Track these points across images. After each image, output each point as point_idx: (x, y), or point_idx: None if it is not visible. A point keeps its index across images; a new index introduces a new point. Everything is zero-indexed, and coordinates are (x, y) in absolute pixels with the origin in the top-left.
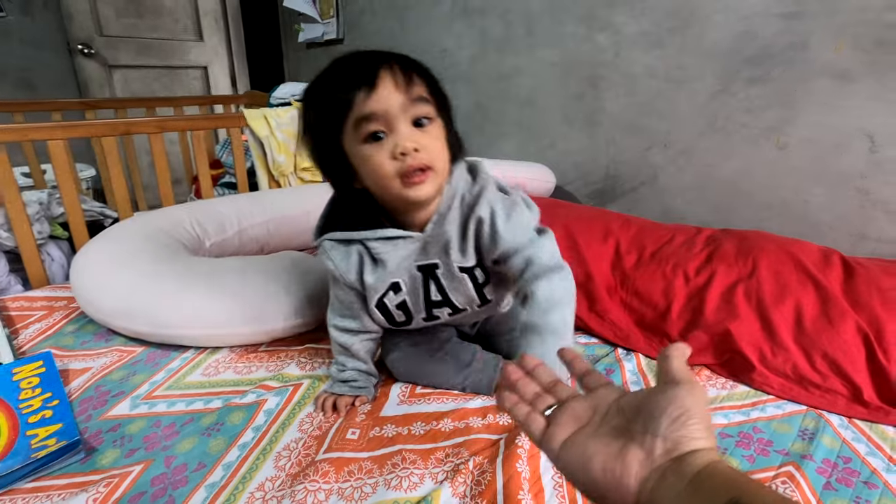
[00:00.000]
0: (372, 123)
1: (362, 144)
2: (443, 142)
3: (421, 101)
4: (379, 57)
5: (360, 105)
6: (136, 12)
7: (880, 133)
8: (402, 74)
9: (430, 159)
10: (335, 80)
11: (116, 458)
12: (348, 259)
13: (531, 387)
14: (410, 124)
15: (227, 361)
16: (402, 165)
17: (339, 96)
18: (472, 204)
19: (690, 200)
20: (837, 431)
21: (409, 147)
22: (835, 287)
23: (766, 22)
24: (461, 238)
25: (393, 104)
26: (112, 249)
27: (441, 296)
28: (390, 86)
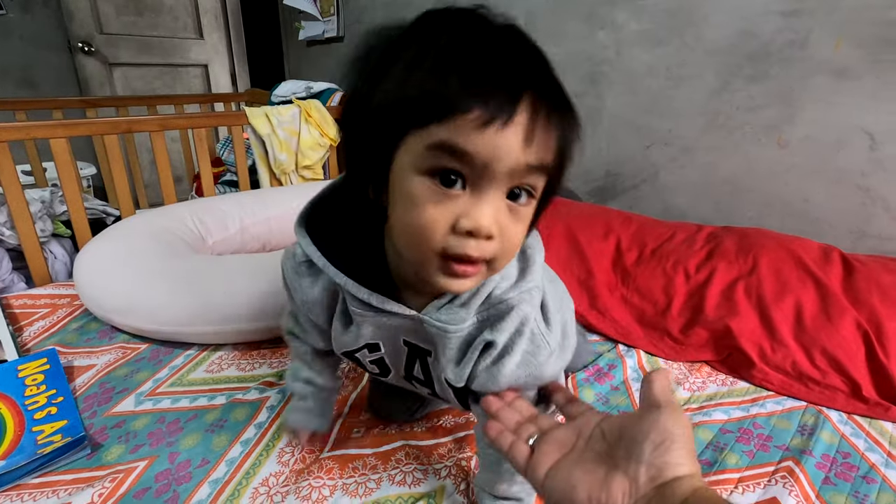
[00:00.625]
0: (456, 161)
1: (420, 176)
2: (526, 228)
3: (543, 171)
4: (531, 67)
5: (461, 131)
6: (135, 10)
7: (880, 131)
8: (547, 117)
9: (497, 253)
10: (441, 64)
11: (121, 454)
12: (312, 288)
13: (513, 416)
14: (505, 194)
15: (229, 358)
16: (459, 247)
17: (440, 91)
18: (496, 316)
19: (691, 198)
20: (836, 427)
21: (484, 229)
22: (835, 284)
23: (766, 20)
24: (459, 352)
25: (508, 158)
26: (115, 247)
27: (424, 376)
28: (521, 132)
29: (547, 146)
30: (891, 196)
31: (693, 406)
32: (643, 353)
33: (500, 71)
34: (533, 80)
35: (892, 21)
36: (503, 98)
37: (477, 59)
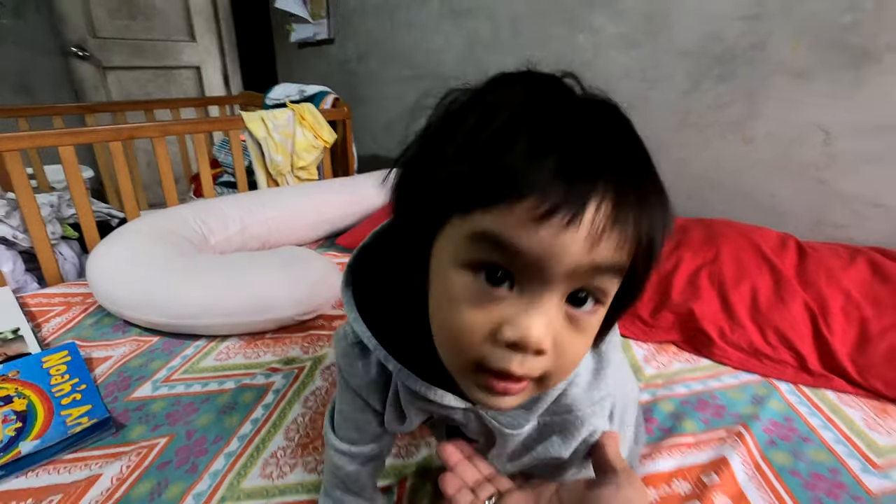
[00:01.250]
0: (501, 258)
1: (460, 269)
2: (591, 338)
3: (612, 272)
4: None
5: (511, 222)
6: (128, 13)
7: (834, 127)
8: (622, 215)
9: (550, 370)
10: (496, 140)
11: (143, 433)
12: (367, 370)
13: (471, 472)
14: (563, 299)
15: (236, 348)
16: (501, 360)
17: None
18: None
19: (667, 192)
20: (784, 396)
21: (534, 343)
22: (788, 269)
23: (730, 24)
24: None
25: (567, 261)
26: (126, 247)
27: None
28: (587, 228)
29: (623, 244)
30: (844, 187)
31: (658, 382)
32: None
33: (572, 153)
34: (614, 167)
35: (844, 25)
36: (570, 187)
37: (542, 137)
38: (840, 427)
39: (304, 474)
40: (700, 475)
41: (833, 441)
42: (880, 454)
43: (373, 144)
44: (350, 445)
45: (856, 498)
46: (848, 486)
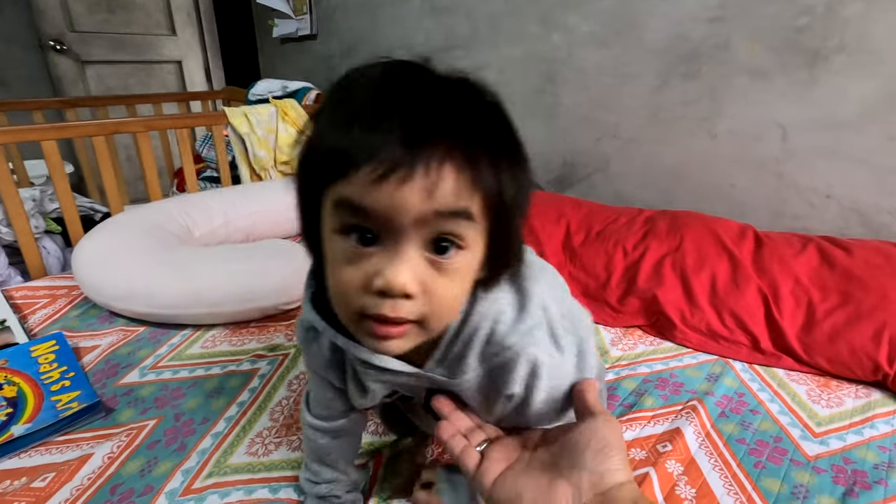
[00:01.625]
0: (358, 221)
1: (336, 235)
2: (466, 279)
3: (464, 218)
4: (447, 111)
5: (355, 185)
6: (107, 7)
7: (790, 124)
8: (462, 162)
9: (425, 312)
10: (347, 110)
11: (132, 416)
12: (321, 352)
13: (464, 420)
14: (423, 247)
15: (222, 336)
16: (374, 307)
17: (337, 146)
18: (503, 367)
19: (638, 185)
20: (738, 374)
21: (398, 288)
22: (745, 257)
23: (695, 25)
24: (480, 397)
25: (409, 211)
26: (111, 240)
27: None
28: (423, 181)
29: (459, 193)
30: (800, 181)
31: (623, 363)
32: None
33: (403, 120)
34: (445, 129)
35: (798, 28)
36: (402, 150)
37: (379, 109)
38: (786, 400)
39: (289, 452)
40: (655, 444)
41: (778, 412)
42: (819, 424)
43: None
44: (321, 421)
45: (794, 461)
46: (789, 451)
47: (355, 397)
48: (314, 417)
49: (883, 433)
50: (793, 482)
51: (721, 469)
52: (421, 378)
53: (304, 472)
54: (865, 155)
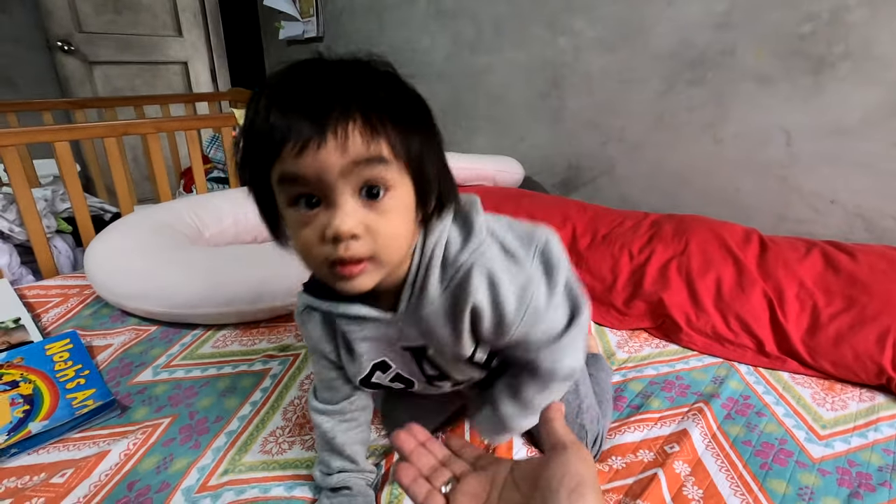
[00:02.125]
0: (300, 188)
1: (289, 208)
2: (404, 215)
3: (379, 162)
4: (343, 87)
5: (287, 161)
6: (114, 8)
7: (795, 129)
8: (363, 122)
9: (375, 248)
10: (271, 106)
11: (147, 413)
12: (315, 328)
13: (426, 459)
14: (357, 193)
15: (232, 336)
16: (333, 253)
17: (266, 137)
18: (462, 282)
19: (643, 189)
20: (743, 377)
21: (345, 233)
22: (750, 261)
23: (701, 31)
24: (452, 329)
25: (332, 168)
26: (123, 240)
27: (438, 371)
28: (334, 142)
29: (369, 143)
30: (804, 185)
31: (629, 365)
32: (593, 323)
33: (309, 99)
34: (343, 95)
35: (803, 35)
36: (311, 123)
37: (286, 98)
38: (791, 403)
39: (302, 451)
40: (663, 445)
41: (783, 415)
42: (824, 426)
43: None
44: (327, 404)
45: (800, 463)
46: (794, 453)
47: (349, 366)
48: (320, 402)
49: (887, 436)
50: (798, 484)
51: (728, 470)
52: (392, 325)
53: (317, 466)
54: (869, 160)
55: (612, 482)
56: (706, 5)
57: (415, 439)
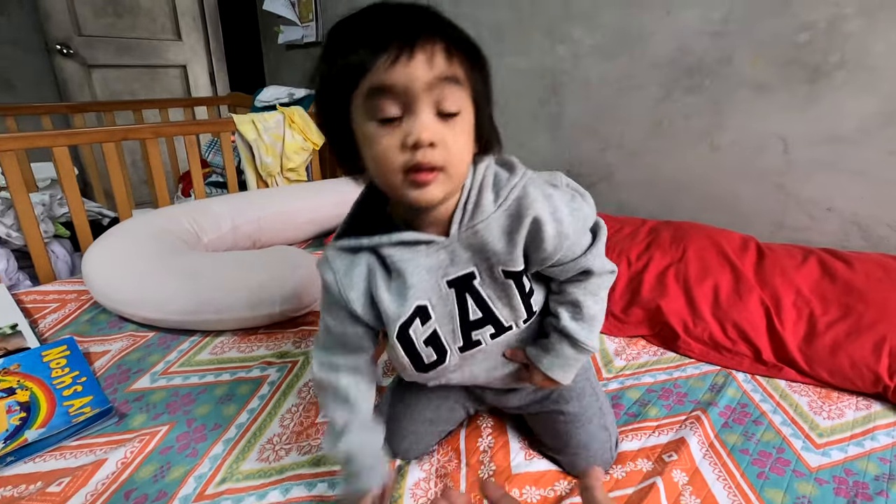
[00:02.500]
0: (387, 99)
1: (370, 122)
2: (468, 138)
3: (454, 83)
4: (419, 16)
5: (379, 72)
6: (113, 12)
7: (791, 137)
8: (443, 43)
9: (446, 159)
10: (357, 34)
11: (145, 421)
12: (353, 270)
13: None
14: (434, 111)
15: (230, 343)
16: (411, 159)
17: (356, 55)
18: (520, 199)
19: (641, 195)
20: (741, 385)
21: (424, 139)
22: (748, 268)
23: (698, 39)
24: (507, 241)
25: (419, 79)
26: (121, 246)
27: (482, 311)
28: (422, 55)
29: (451, 65)
30: (801, 193)
31: (627, 372)
32: None
33: (396, 28)
34: (422, 28)
35: (800, 43)
36: (400, 41)
37: (381, 26)
38: (788, 411)
39: (299, 456)
40: (661, 454)
41: (780, 423)
42: (821, 435)
43: None
44: (339, 357)
45: (797, 472)
46: (791, 462)
47: (392, 308)
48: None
49: (884, 445)
50: (795, 493)
51: (725, 479)
52: (445, 249)
53: (325, 438)
54: (865, 168)
55: (613, 492)
56: (703, 13)
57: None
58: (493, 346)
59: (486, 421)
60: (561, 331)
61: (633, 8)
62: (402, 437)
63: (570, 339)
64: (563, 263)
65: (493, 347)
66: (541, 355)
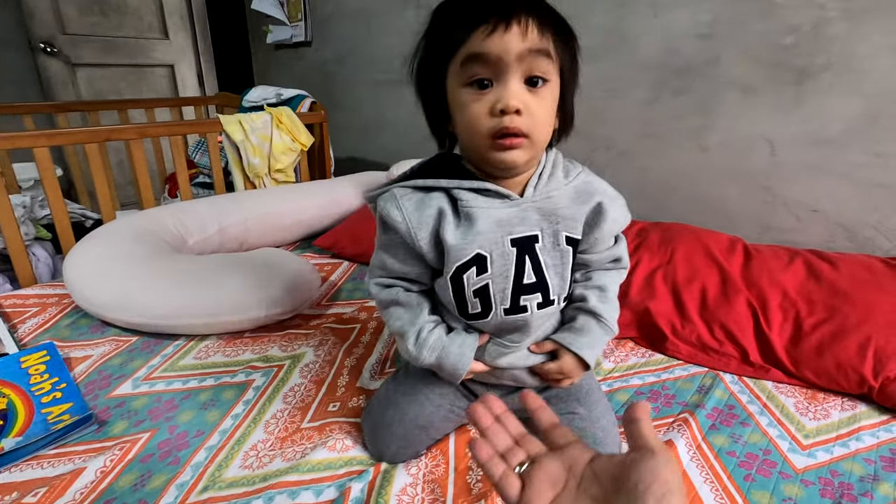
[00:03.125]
0: (480, 66)
1: (463, 88)
2: (552, 109)
3: (544, 55)
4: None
5: (476, 41)
6: (99, 10)
7: (778, 139)
8: (536, 18)
9: (531, 126)
10: (459, 7)
11: (126, 428)
12: (423, 210)
13: (502, 436)
14: (523, 80)
15: (215, 347)
16: (499, 124)
17: (457, 26)
18: (587, 184)
19: (630, 196)
20: (728, 386)
21: (512, 106)
22: (735, 270)
23: (687, 41)
24: (575, 209)
25: (512, 50)
26: (104, 248)
27: (536, 276)
28: (517, 28)
29: (541, 37)
30: (788, 194)
31: (615, 375)
32: None
33: (496, 2)
34: (520, 3)
35: (786, 46)
36: (498, 15)
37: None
38: (774, 412)
39: (283, 463)
40: None
41: (767, 424)
42: (807, 436)
43: (350, 147)
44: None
45: (783, 474)
46: (778, 464)
47: (455, 245)
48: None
49: (868, 446)
50: (782, 495)
51: (712, 482)
52: (516, 207)
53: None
54: (850, 171)
55: None
56: (691, 16)
57: (491, 414)
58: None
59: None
60: (590, 311)
61: (622, 9)
62: (391, 442)
63: (597, 318)
64: (602, 250)
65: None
66: (569, 336)
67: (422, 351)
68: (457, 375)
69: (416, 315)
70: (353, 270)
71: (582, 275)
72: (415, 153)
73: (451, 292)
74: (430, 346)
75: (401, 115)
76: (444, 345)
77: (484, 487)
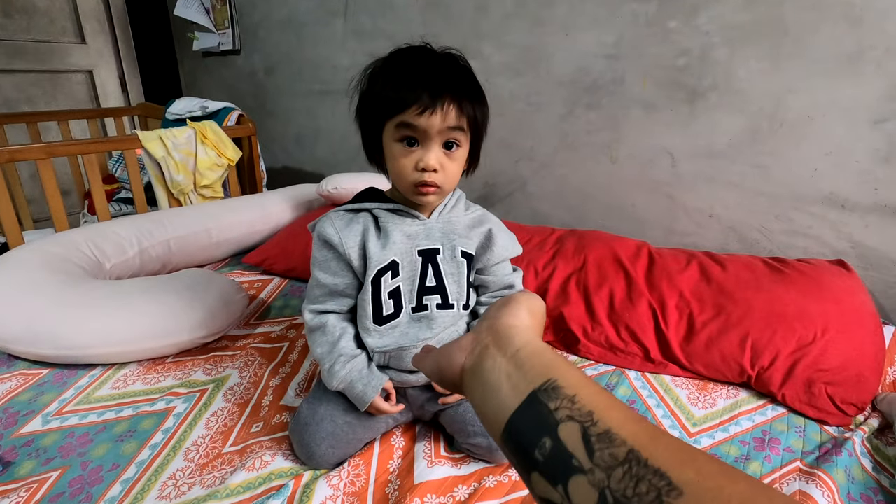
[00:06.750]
0: (410, 131)
1: (395, 143)
2: (462, 165)
3: (459, 130)
4: (448, 78)
5: (409, 115)
6: (3, 12)
7: (677, 152)
8: (457, 105)
9: (444, 180)
10: (400, 80)
11: (33, 468)
12: (352, 226)
13: None
14: (441, 145)
15: (135, 375)
16: (420, 177)
17: (397, 97)
18: (481, 216)
19: (552, 204)
20: (632, 383)
21: (431, 166)
22: (639, 274)
23: (596, 61)
24: (469, 231)
25: (435, 126)
26: (10, 277)
27: (436, 281)
28: (441, 113)
29: (459, 118)
30: (687, 202)
31: None
32: None
33: (429, 81)
34: (449, 85)
35: (680, 67)
36: (429, 98)
37: (417, 76)
38: (669, 404)
39: (202, 490)
40: None
41: (662, 416)
42: (695, 424)
43: (284, 157)
44: (322, 306)
45: None
46: None
47: (375, 254)
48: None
49: (745, 429)
50: None
51: None
52: (423, 225)
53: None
54: (737, 180)
55: (516, 492)
56: (597, 37)
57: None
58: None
59: (399, 440)
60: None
61: (538, 28)
62: (322, 439)
63: None
64: (499, 274)
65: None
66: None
67: (331, 382)
68: (361, 406)
69: (334, 345)
70: (283, 286)
71: (485, 299)
72: (350, 164)
73: (370, 296)
74: (339, 379)
75: (335, 125)
76: (351, 380)
77: (400, 496)
